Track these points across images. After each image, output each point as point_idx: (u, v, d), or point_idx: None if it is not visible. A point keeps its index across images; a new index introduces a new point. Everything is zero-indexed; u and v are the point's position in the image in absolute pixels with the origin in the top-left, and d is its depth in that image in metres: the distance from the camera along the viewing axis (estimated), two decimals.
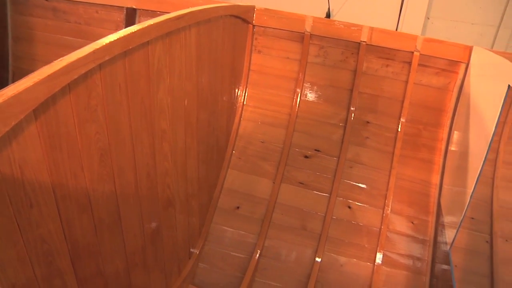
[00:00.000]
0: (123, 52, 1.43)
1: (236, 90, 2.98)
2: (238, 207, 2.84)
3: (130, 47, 1.46)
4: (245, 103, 3.05)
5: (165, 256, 2.23)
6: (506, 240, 2.75)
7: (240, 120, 3.02)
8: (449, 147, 2.82)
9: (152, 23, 1.57)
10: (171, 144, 1.99)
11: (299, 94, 3.01)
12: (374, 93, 2.98)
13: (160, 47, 1.69)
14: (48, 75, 1.08)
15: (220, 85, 2.56)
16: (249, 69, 3.04)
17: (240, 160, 2.95)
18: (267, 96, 3.05)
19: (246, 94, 3.05)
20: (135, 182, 1.76)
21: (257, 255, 2.67)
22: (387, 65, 2.93)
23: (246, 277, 2.56)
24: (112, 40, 1.34)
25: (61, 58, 1.15)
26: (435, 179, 2.88)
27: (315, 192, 2.87)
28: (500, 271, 2.64)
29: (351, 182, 2.89)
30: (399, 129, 2.94)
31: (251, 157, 2.96)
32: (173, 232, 2.27)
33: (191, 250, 2.61)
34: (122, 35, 1.39)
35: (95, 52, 1.26)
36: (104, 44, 1.30)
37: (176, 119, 1.99)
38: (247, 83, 3.04)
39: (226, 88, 2.71)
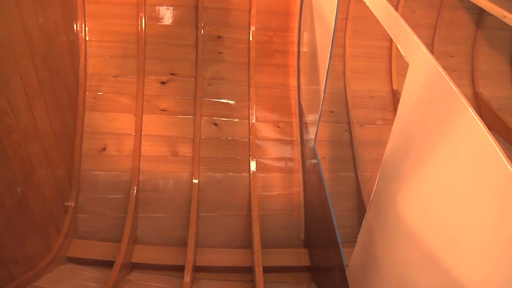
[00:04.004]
0: None
1: (74, 26, 2.72)
2: (104, 149, 2.72)
3: None
4: (87, 39, 2.81)
5: (37, 218, 2.10)
6: (361, 126, 3.03)
7: (86, 58, 2.79)
8: (301, 49, 2.92)
9: None
10: (8, 98, 1.79)
11: (143, 19, 2.85)
12: (220, 6, 2.93)
13: None
14: None
15: (53, 24, 2.31)
16: (83, 1, 2.77)
17: (95, 100, 2.77)
18: (111, 27, 2.84)
19: (87, 28, 2.80)
20: None
21: (135, 192, 2.62)
22: None
23: (129, 216, 2.52)
24: None
25: None
26: (293, 81, 3.00)
27: (179, 116, 2.84)
28: (359, 153, 2.93)
29: (213, 100, 2.90)
30: (250, 39, 2.96)
31: (106, 95, 2.79)
32: (38, 191, 2.12)
33: (66, 204, 2.49)
34: None
35: None
36: None
37: (6, 69, 1.77)
38: (85, 16, 2.78)
39: (61, 26, 2.45)
